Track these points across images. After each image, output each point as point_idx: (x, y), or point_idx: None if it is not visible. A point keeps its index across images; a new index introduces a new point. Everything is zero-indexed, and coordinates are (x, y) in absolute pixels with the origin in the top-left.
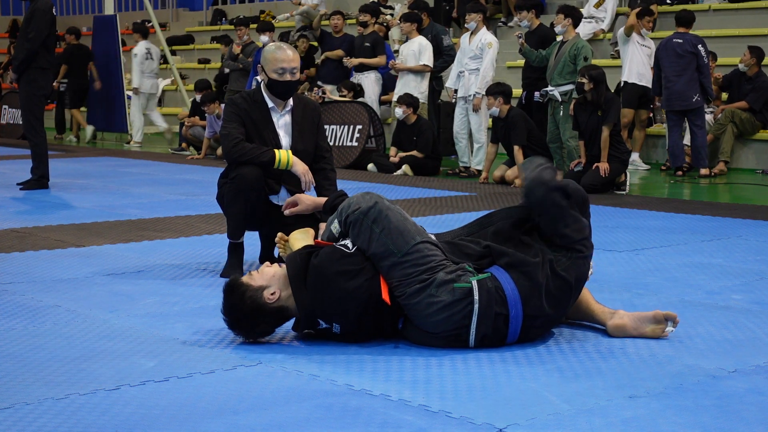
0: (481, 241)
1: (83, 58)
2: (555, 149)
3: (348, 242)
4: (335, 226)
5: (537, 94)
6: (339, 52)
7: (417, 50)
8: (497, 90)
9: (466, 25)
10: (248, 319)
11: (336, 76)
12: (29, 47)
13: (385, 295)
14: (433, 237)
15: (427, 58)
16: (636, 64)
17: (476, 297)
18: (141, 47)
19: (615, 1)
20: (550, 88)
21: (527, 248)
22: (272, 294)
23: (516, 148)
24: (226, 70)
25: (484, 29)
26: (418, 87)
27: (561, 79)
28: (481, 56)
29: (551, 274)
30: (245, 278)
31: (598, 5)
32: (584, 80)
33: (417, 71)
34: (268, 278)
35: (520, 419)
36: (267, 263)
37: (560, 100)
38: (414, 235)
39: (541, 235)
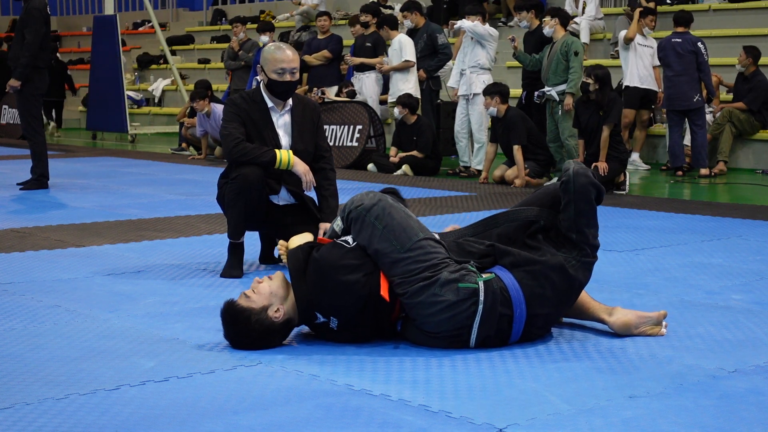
0: (485, 241)
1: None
2: (556, 149)
3: (348, 238)
4: (338, 223)
5: (536, 94)
6: (325, 53)
7: (398, 48)
8: (494, 90)
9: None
10: (260, 341)
11: (324, 76)
12: (29, 51)
13: (384, 292)
14: (436, 235)
15: (409, 54)
16: (637, 68)
17: (481, 298)
18: None
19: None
20: (546, 88)
21: (533, 250)
22: (276, 312)
23: (516, 147)
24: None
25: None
26: (405, 84)
27: (556, 78)
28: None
29: (560, 273)
30: (243, 301)
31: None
32: (590, 80)
33: (402, 68)
34: (267, 296)
35: (520, 419)
36: (257, 279)
37: (558, 99)
38: (417, 232)
39: (546, 238)
